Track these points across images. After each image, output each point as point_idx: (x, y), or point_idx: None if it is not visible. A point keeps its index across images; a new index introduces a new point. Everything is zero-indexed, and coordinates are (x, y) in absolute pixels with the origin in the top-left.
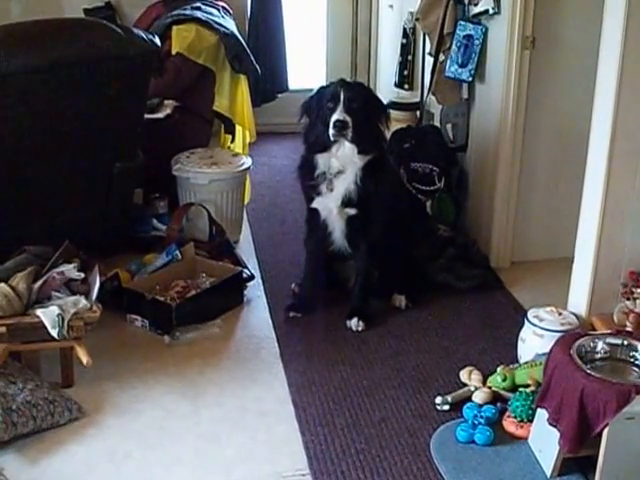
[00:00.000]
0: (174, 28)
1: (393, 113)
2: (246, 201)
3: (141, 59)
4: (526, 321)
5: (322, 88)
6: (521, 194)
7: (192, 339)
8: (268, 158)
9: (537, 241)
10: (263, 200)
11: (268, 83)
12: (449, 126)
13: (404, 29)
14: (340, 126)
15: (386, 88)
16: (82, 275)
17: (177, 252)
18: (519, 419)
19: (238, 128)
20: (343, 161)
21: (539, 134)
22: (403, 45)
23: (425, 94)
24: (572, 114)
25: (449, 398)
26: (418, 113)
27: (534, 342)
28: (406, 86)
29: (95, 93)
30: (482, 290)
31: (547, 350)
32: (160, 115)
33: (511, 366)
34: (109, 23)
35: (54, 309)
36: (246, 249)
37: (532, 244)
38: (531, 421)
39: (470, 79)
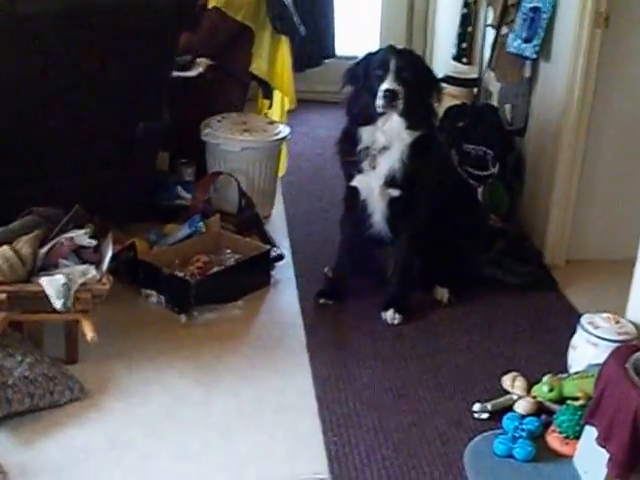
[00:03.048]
0: None
1: (448, 88)
2: (281, 174)
3: (172, 9)
4: (579, 327)
5: (370, 55)
6: (582, 186)
7: (211, 320)
8: (309, 128)
9: (597, 239)
10: (300, 173)
11: (314, 47)
12: (508, 107)
13: None
14: (390, 96)
15: (442, 61)
16: (94, 243)
17: (201, 224)
18: (565, 435)
19: (277, 93)
20: (389, 136)
21: (607, 121)
22: (463, 15)
23: (484, 70)
24: None
25: (489, 406)
26: (475, 90)
27: (586, 351)
28: (464, 60)
29: (119, 44)
30: (533, 289)
31: (600, 361)
32: (192, 73)
33: (559, 375)
34: None
35: (60, 278)
36: (277, 226)
37: (591, 242)
38: (578, 438)
39: (534, 56)
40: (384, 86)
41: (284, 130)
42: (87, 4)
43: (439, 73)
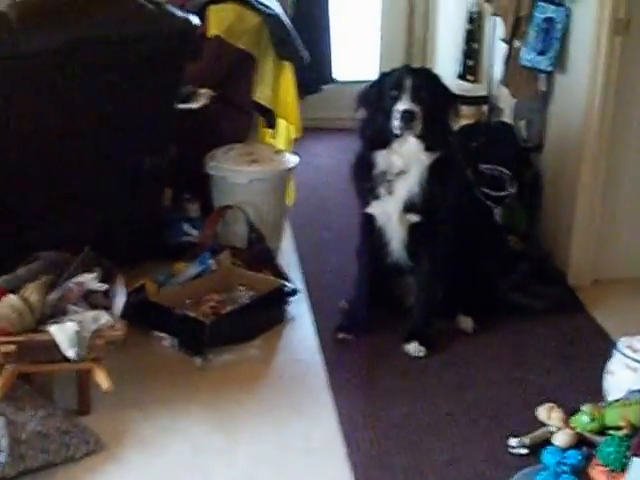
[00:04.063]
0: (211, 8)
1: None
2: (289, 204)
3: (175, 40)
4: (616, 351)
5: (383, 75)
6: (606, 202)
7: (227, 362)
8: (311, 157)
9: (624, 256)
10: (306, 203)
11: (311, 73)
12: (522, 123)
13: (469, 14)
14: (407, 117)
15: (446, 80)
16: (104, 286)
17: (211, 261)
18: (611, 468)
19: (281, 122)
20: (407, 159)
21: (630, 133)
22: (468, 31)
23: (494, 86)
24: None
25: (526, 440)
26: (484, 108)
27: (625, 376)
28: (470, 77)
29: (122, 77)
30: (559, 312)
31: None
32: (194, 105)
33: (599, 404)
34: None
35: (72, 326)
36: (288, 259)
37: (618, 260)
38: (624, 471)
39: (550, 69)
40: (400, 107)
41: (292, 159)
42: (88, 39)
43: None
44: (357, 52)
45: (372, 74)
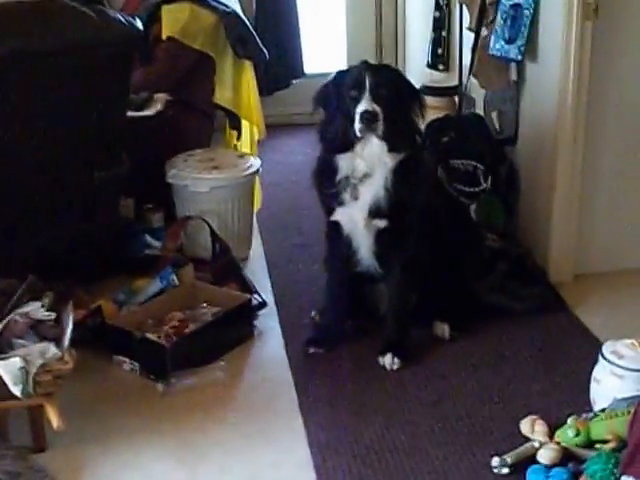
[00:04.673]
0: (164, 8)
1: (427, 99)
2: (255, 209)
3: (120, 47)
4: (601, 358)
5: (340, 73)
6: (585, 193)
7: (191, 386)
8: (282, 155)
9: (606, 249)
10: (276, 205)
11: (281, 68)
12: (494, 114)
13: (436, 1)
14: (368, 118)
15: (417, 70)
16: (52, 315)
17: (173, 276)
18: None
19: (245, 123)
20: (370, 162)
21: (605, 121)
22: (436, 19)
23: (465, 76)
24: None
25: (508, 458)
26: (456, 99)
27: (612, 384)
28: (441, 67)
29: (64, 89)
30: (541, 313)
31: (629, 394)
32: (150, 112)
33: (584, 416)
34: (78, 5)
35: (16, 361)
36: (257, 268)
37: (600, 253)
38: None
39: (519, 57)
40: (361, 107)
41: (255, 163)
42: (30, 48)
43: (416, 84)
44: (325, 43)
45: (342, 65)
